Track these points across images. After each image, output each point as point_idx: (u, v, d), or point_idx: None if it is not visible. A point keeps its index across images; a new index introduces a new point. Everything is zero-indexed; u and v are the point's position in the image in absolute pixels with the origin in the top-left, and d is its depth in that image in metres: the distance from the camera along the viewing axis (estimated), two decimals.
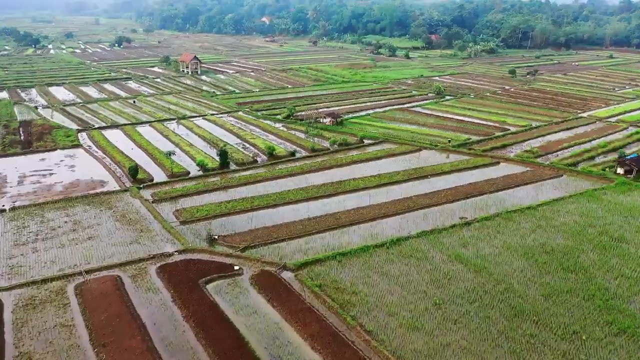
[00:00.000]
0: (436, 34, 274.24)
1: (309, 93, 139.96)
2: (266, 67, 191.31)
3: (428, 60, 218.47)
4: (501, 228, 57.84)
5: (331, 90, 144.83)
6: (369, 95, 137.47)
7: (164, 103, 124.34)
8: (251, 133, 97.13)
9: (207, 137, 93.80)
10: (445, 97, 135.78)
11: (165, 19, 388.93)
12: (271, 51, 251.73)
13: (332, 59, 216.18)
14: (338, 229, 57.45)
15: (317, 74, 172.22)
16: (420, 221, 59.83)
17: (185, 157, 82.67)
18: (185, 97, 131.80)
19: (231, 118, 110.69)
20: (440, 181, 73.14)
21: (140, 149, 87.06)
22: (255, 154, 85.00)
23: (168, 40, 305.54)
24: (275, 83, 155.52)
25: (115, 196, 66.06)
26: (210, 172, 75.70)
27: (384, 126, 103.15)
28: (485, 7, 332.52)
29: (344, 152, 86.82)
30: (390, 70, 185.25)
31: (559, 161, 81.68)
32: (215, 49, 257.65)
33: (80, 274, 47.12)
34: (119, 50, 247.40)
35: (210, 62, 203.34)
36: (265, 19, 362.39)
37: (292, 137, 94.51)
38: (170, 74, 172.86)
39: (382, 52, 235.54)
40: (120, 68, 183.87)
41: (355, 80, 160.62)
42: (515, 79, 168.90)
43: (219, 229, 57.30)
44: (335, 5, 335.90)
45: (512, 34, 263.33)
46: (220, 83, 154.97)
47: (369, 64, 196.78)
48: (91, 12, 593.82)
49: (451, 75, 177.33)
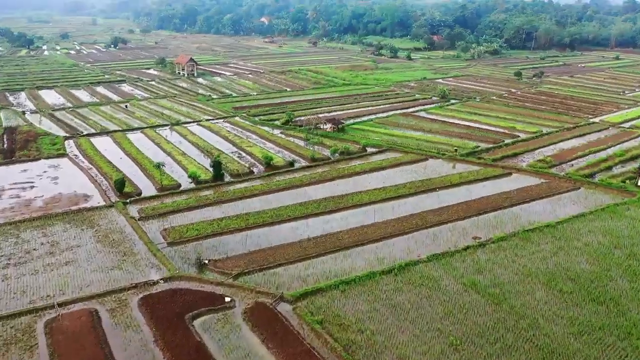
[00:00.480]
0: (438, 34, 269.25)
1: (308, 96, 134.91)
2: (265, 69, 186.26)
3: (430, 61, 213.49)
4: (519, 250, 52.81)
5: (332, 93, 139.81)
6: (371, 98, 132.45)
7: (157, 107, 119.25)
8: (247, 140, 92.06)
9: (201, 145, 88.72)
10: (450, 101, 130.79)
11: (163, 19, 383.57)
12: (270, 52, 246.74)
13: (333, 61, 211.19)
14: (340, 251, 52.43)
15: (317, 76, 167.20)
16: (430, 242, 54.81)
17: (177, 167, 77.62)
18: (180, 101, 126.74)
19: (227, 124, 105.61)
20: (450, 195, 68.12)
21: (130, 158, 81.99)
22: (252, 163, 79.95)
23: (165, 41, 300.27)
24: (274, 86, 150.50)
25: (98, 213, 60.98)
26: (202, 184, 70.64)
27: (387, 132, 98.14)
28: (487, 7, 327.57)
29: (345, 162, 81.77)
30: (392, 72, 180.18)
31: (574, 172, 76.65)
32: (213, 50, 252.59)
33: (53, 307, 42.10)
34: (114, 51, 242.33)
35: (208, 63, 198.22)
36: (264, 19, 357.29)
37: (291, 144, 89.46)
38: (166, 76, 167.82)
39: (384, 53, 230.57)
40: (115, 70, 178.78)
41: (357, 83, 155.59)
42: (521, 81, 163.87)
43: (210, 251, 52.27)
44: (335, 6, 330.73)
45: (516, 35, 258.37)
46: (216, 86, 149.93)
47: (370, 65, 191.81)
48: (88, 12, 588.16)
49: (455, 77, 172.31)
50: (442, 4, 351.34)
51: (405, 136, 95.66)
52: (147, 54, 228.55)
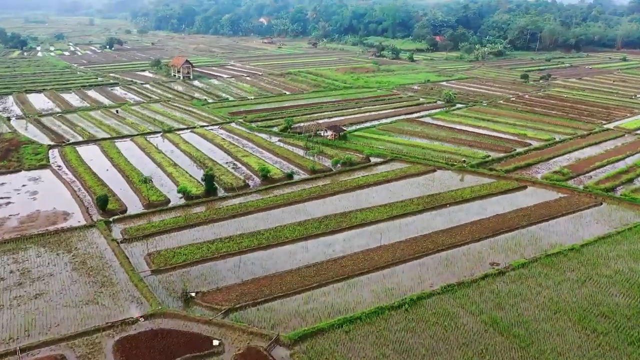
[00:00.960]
0: (441, 35, 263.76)
1: (308, 100, 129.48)
2: (263, 71, 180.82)
3: (433, 63, 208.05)
4: (543, 279, 47.40)
5: (332, 97, 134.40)
6: (373, 103, 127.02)
7: (150, 113, 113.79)
8: (243, 149, 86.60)
9: (194, 154, 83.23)
10: (456, 106, 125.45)
11: (160, 20, 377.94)
12: (269, 53, 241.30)
13: (333, 62, 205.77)
14: (344, 281, 47.04)
15: (317, 78, 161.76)
16: (443, 269, 49.40)
17: (167, 180, 72.19)
18: (174, 106, 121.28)
19: (222, 131, 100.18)
20: (462, 212, 62.73)
21: (117, 169, 76.52)
22: (247, 175, 74.53)
23: (162, 42, 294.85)
24: (272, 89, 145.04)
25: (78, 234, 55.53)
26: (193, 200, 65.23)
27: (391, 140, 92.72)
28: (490, 7, 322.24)
29: (348, 174, 76.34)
30: (395, 75, 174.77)
31: (594, 185, 71.22)
32: (211, 51, 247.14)
33: (15, 354, 36.69)
34: (109, 52, 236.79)
35: (205, 65, 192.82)
36: (263, 20, 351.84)
37: (290, 154, 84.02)
38: (161, 78, 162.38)
39: (385, 54, 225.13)
40: (109, 72, 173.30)
41: (358, 86, 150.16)
42: (529, 84, 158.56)
43: (199, 280, 46.88)
44: (336, 6, 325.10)
45: (520, 36, 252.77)
46: (213, 89, 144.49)
47: (372, 67, 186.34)
48: (85, 12, 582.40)
49: (459, 80, 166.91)
50: (444, 4, 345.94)
51: (411, 144, 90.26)
52: (143, 55, 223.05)
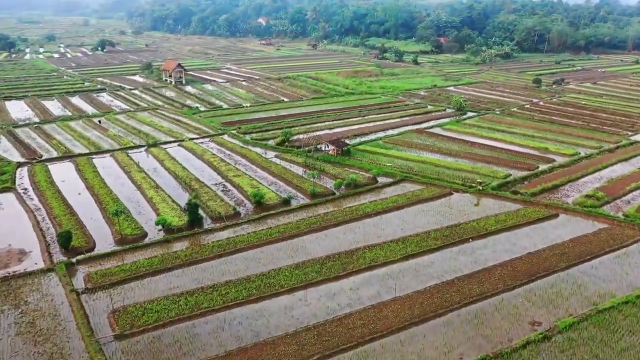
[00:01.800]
0: (445, 36, 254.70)
1: (308, 108, 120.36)
2: (260, 74, 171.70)
3: (439, 66, 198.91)
4: (599, 347, 38.29)
5: (334, 104, 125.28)
6: (378, 111, 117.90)
7: (135, 123, 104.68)
8: (236, 167, 77.45)
9: (180, 174, 74.07)
10: (467, 114, 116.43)
11: (156, 20, 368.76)
12: (267, 55, 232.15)
13: (334, 65, 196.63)
14: (352, 350, 38.00)
15: (317, 83, 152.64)
16: (474, 331, 40.31)
17: (146, 206, 63.14)
18: (163, 115, 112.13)
19: (213, 144, 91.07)
20: (487, 248, 53.63)
21: (91, 192, 67.43)
22: (239, 200, 65.46)
23: (157, 43, 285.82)
24: (270, 95, 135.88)
25: (32, 281, 46.46)
26: (174, 234, 56.13)
27: (400, 156, 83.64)
28: (494, 7, 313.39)
29: (353, 198, 67.25)
30: (399, 79, 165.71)
31: (635, 212, 62.12)
32: (207, 53, 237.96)
33: None
34: (101, 55, 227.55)
35: (199, 69, 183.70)
36: (261, 20, 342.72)
37: (287, 174, 74.89)
38: (152, 84, 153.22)
39: (388, 56, 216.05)
40: (97, 76, 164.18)
41: (361, 92, 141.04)
42: (542, 89, 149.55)
43: (171, 350, 37.80)
44: (336, 6, 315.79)
45: (527, 37, 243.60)
46: (206, 95, 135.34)
47: (375, 71, 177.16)
48: (82, 12, 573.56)
49: (468, 84, 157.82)
50: (447, 4, 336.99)
51: (422, 160, 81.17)
52: (136, 58, 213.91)
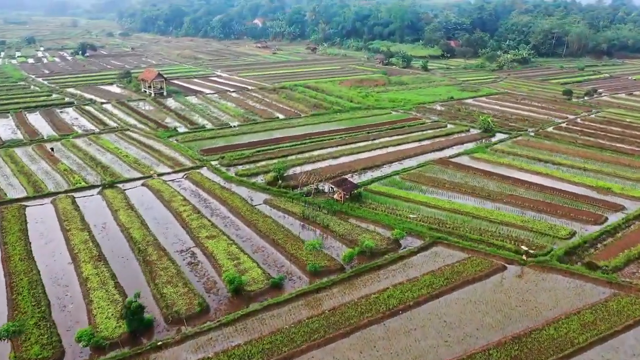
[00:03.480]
0: (455, 39, 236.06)
1: (306, 128, 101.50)
2: (253, 83, 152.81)
3: (451, 73, 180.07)
4: None
5: (337, 123, 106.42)
6: (390, 132, 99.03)
7: (96, 150, 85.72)
8: (211, 223, 58.49)
9: (135, 235, 55.04)
10: (496, 136, 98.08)
11: (147, 21, 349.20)
12: (262, 60, 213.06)
13: (335, 72, 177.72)
14: None
15: (317, 95, 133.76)
16: None
17: (78, 298, 44.25)
18: (132, 139, 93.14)
19: (188, 183, 72.14)
20: None
21: (3, 269, 48.55)
22: (210, 285, 46.61)
23: (145, 46, 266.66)
24: (262, 111, 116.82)
25: None
26: (106, 353, 37.32)
27: (425, 201, 64.92)
28: (504, 7, 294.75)
29: (369, 277, 48.37)
30: (409, 89, 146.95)
31: None
32: (196, 57, 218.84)
33: None
34: (80, 60, 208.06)
35: (185, 76, 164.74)
36: (257, 21, 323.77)
37: (279, 233, 55.99)
38: (129, 95, 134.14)
39: (395, 62, 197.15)
40: (69, 86, 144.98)
41: (368, 107, 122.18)
42: (574, 102, 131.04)
43: None
44: (337, 6, 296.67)
45: (544, 40, 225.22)
46: (188, 111, 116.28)
47: (381, 80, 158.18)
48: (73, 12, 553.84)
49: (488, 96, 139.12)
50: (455, 4, 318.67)
51: (454, 209, 62.46)
52: (118, 64, 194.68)
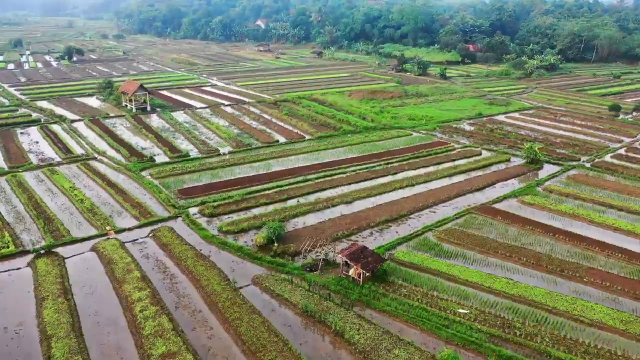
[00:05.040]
0: (473, 43, 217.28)
1: (311, 157, 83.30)
2: (252, 95, 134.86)
3: (473, 81, 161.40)
4: None
5: (348, 149, 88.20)
6: (415, 163, 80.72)
7: (45, 192, 67.74)
8: (173, 328, 40.33)
9: (57, 350, 37.16)
10: (544, 167, 79.92)
11: (144, 22, 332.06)
12: (263, 66, 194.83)
13: (344, 81, 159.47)
14: None
15: (324, 110, 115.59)
16: None
17: None
18: (96, 173, 75.10)
19: (154, 246, 54.02)
20: None
21: None
22: None
23: (139, 49, 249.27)
24: (259, 132, 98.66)
25: None
26: None
27: (475, 281, 46.70)
28: (523, 7, 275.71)
29: None
30: (429, 102, 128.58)
31: None
32: (193, 62, 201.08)
33: None
34: (64, 65, 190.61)
35: (176, 86, 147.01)
36: (260, 23, 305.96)
37: (270, 347, 37.83)
38: (107, 110, 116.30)
39: (409, 68, 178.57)
40: (43, 98, 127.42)
41: (384, 126, 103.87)
42: (623, 120, 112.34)
43: None
44: (344, 7, 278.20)
45: (572, 44, 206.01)
46: (172, 132, 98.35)
47: (397, 91, 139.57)
48: (71, 12, 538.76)
49: (521, 111, 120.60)
50: (470, 4, 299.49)
51: (518, 296, 44.27)
52: (105, 70, 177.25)
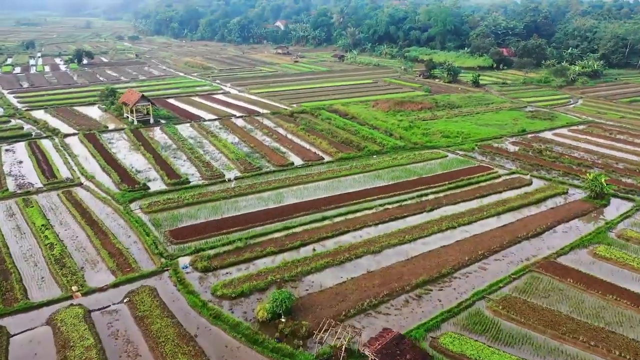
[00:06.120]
0: (506, 46, 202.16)
1: (330, 186, 70.61)
2: (267, 104, 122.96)
3: (510, 90, 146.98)
4: None
5: (374, 175, 75.27)
6: (454, 196, 67.51)
7: (11, 231, 56.13)
8: None
9: None
10: (610, 202, 66.05)
11: (160, 23, 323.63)
12: (280, 71, 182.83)
13: (367, 88, 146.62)
14: None
15: (345, 125, 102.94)
16: None
17: None
18: (76, 206, 63.65)
19: (128, 319, 41.79)
20: None
21: None
22: None
23: (153, 52, 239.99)
24: (272, 152, 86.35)
25: None
26: None
27: None
28: (558, 8, 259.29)
29: None
30: (463, 115, 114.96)
31: None
32: (206, 66, 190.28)
33: None
34: (73, 69, 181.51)
35: (186, 93, 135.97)
36: (279, 24, 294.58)
37: None
38: (109, 122, 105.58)
39: (438, 74, 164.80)
40: (40, 107, 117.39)
41: (414, 145, 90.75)
42: None
43: None
44: (368, 7, 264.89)
45: (616, 48, 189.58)
46: (173, 150, 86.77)
47: (426, 102, 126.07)
48: (91, 12, 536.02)
49: (569, 126, 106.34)
50: (501, 4, 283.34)
51: None
52: (113, 75, 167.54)
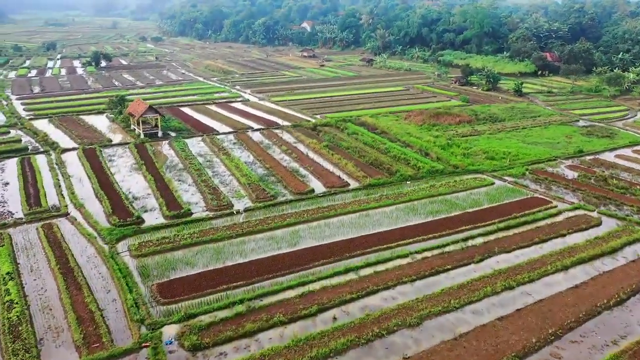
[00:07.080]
0: (550, 51, 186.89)
1: (356, 222, 59.12)
2: (288, 114, 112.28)
3: (557, 100, 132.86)
4: None
5: (408, 208, 63.49)
6: (507, 241, 55.20)
7: None
8: None
9: None
10: None
11: (185, 24, 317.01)
12: (305, 76, 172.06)
13: (398, 97, 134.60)
14: None
15: (374, 141, 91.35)
16: None
17: None
18: (56, 243, 53.60)
19: None
20: None
21: None
22: None
23: (174, 54, 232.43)
24: (290, 176, 75.25)
25: None
26: None
27: None
28: (603, 9, 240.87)
29: None
30: (507, 131, 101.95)
31: None
32: (227, 70, 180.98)
33: None
34: (90, 72, 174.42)
35: (202, 100, 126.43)
36: (306, 25, 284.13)
37: None
38: (114, 134, 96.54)
39: (476, 81, 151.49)
40: (45, 115, 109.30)
41: (454, 168, 78.45)
42: None
43: None
44: (398, 8, 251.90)
45: None
46: (178, 172, 76.52)
47: (465, 114, 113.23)
48: (119, 13, 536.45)
49: (634, 146, 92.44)
50: (541, 5, 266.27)
51: None
52: (129, 79, 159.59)
